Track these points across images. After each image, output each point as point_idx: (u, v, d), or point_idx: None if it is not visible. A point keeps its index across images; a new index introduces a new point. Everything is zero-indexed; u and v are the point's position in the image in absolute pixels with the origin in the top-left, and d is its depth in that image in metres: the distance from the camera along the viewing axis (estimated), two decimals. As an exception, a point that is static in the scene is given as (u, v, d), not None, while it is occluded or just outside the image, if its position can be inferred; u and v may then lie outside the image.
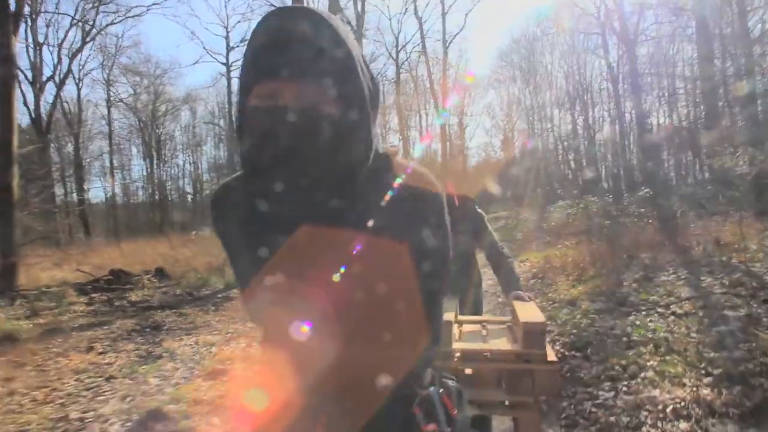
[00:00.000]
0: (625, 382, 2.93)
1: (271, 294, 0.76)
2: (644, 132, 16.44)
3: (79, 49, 18.59)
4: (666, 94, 21.59)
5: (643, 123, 18.56)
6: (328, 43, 0.69)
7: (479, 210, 2.46)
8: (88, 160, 24.68)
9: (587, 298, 4.91)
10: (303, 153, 0.69)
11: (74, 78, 20.77)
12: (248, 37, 0.73)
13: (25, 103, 18.56)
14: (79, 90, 21.87)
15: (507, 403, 1.61)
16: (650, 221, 9.14)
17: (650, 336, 3.49)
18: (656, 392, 2.71)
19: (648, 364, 3.09)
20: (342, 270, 0.72)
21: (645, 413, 2.57)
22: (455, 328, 1.86)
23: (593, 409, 2.71)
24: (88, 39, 17.44)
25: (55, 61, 19.24)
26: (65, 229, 17.66)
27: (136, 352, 4.86)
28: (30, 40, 18.37)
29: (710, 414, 2.42)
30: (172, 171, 30.91)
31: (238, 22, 37.11)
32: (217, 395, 3.48)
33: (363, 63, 0.75)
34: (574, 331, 3.92)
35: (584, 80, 25.38)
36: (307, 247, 0.73)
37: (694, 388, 2.66)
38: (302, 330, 0.73)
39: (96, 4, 16.44)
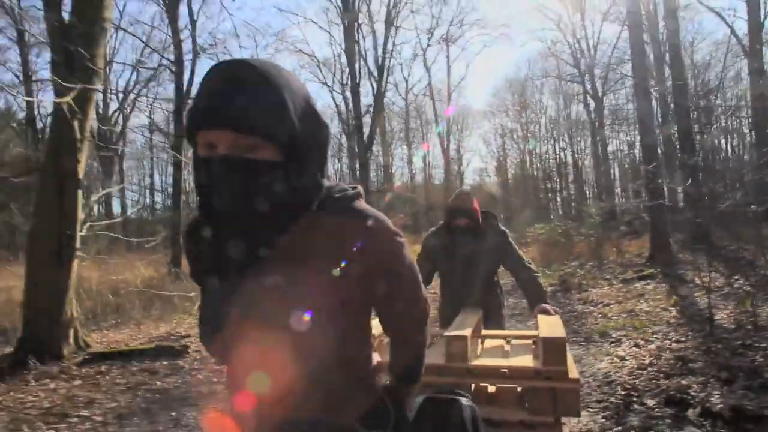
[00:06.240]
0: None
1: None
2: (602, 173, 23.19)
3: (140, 91, 24.22)
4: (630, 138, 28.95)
5: (608, 164, 25.50)
6: (260, 94, 0.76)
7: (502, 227, 2.65)
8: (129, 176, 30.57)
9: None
10: (242, 197, 0.77)
11: (122, 108, 26.25)
12: None
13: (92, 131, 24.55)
14: (125, 117, 27.22)
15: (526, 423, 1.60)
16: (591, 238, 15.59)
17: (547, 273, 9.91)
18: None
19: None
20: (281, 309, 0.81)
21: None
22: (478, 343, 1.99)
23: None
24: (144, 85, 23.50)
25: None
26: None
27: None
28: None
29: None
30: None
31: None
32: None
33: (304, 109, 0.81)
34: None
35: (570, 118, 31.72)
36: (247, 293, 0.82)
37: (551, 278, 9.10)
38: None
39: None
